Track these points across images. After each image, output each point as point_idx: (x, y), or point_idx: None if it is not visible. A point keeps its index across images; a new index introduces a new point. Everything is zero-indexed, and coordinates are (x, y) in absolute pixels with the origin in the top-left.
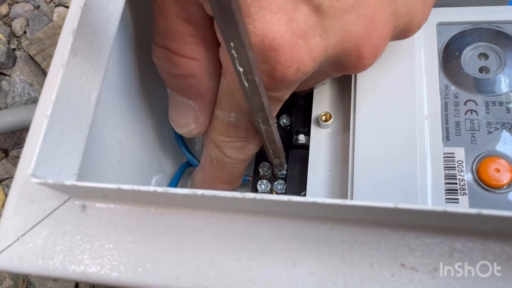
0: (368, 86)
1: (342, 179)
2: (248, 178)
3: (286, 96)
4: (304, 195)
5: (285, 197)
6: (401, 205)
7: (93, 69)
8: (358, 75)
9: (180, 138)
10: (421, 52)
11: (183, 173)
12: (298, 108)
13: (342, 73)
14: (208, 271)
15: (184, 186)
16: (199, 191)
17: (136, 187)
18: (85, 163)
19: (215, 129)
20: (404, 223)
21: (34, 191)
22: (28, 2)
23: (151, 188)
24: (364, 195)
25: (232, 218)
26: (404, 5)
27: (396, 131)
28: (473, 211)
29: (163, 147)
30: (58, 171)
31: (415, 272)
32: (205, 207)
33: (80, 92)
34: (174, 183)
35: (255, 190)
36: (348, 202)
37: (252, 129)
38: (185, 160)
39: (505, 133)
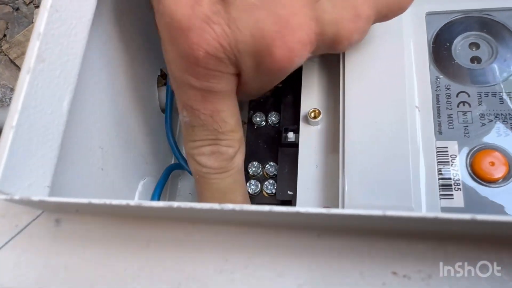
0: (357, 81)
1: (334, 177)
2: None
3: (218, 86)
4: (292, 194)
5: (266, 208)
6: (389, 213)
7: (64, 74)
8: (346, 69)
9: (173, 139)
10: (411, 43)
11: (169, 176)
12: (287, 105)
13: (268, 74)
14: (190, 285)
15: (173, 188)
16: (175, 204)
17: (108, 201)
18: (65, 171)
19: (184, 137)
20: (394, 230)
21: (5, 206)
22: (7, 4)
23: (123, 202)
24: (356, 194)
25: (214, 230)
26: (330, 12)
27: (387, 126)
28: (467, 216)
29: (150, 150)
30: (29, 184)
31: (408, 280)
32: (186, 219)
33: (50, 99)
34: (159, 187)
35: None
36: (333, 211)
37: (211, 128)
38: (173, 162)
39: (499, 125)
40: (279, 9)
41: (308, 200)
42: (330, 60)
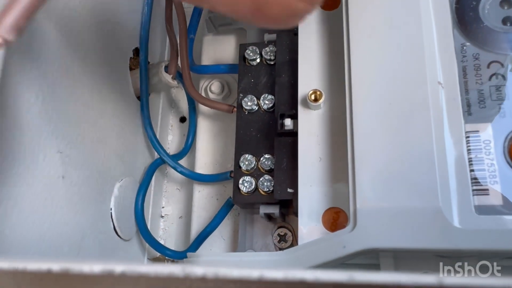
0: (365, 53)
1: (341, 171)
2: (230, 175)
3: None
4: (293, 192)
5: (255, 273)
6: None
7: None
8: (352, 38)
9: (152, 130)
10: (429, 4)
11: (153, 174)
12: (282, 86)
13: None
14: None
15: (159, 185)
16: (119, 268)
17: (20, 266)
18: (10, 187)
19: None
20: None
21: None
22: None
23: (43, 266)
24: (370, 193)
25: None
26: None
27: (404, 109)
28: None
29: (125, 147)
30: None
31: None
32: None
33: None
34: (143, 188)
35: (237, 189)
36: (356, 278)
37: None
38: (157, 157)
39: None
40: None
41: (311, 200)
42: (331, 30)
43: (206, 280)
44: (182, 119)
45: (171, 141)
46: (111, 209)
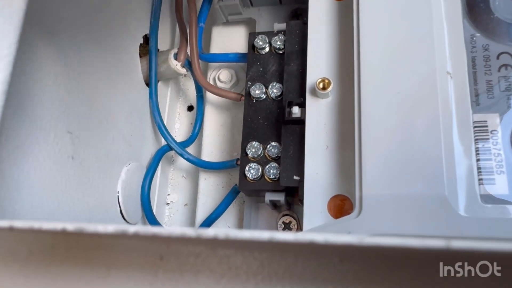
0: (374, 42)
1: (347, 159)
2: (237, 163)
3: None
4: (299, 180)
5: (265, 234)
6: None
7: None
8: (362, 27)
9: (160, 116)
10: None
11: (160, 159)
12: (290, 75)
13: None
14: None
15: (165, 172)
16: (132, 228)
17: (36, 225)
18: (21, 163)
19: None
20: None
21: None
22: None
23: (58, 226)
24: (376, 181)
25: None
26: None
27: (412, 98)
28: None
29: (133, 132)
30: None
31: None
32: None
33: None
34: (150, 173)
35: (243, 176)
36: (365, 240)
37: None
38: (164, 144)
39: None
40: None
41: (317, 188)
42: (341, 19)
43: (216, 241)
44: (190, 108)
45: (178, 129)
46: (117, 193)
